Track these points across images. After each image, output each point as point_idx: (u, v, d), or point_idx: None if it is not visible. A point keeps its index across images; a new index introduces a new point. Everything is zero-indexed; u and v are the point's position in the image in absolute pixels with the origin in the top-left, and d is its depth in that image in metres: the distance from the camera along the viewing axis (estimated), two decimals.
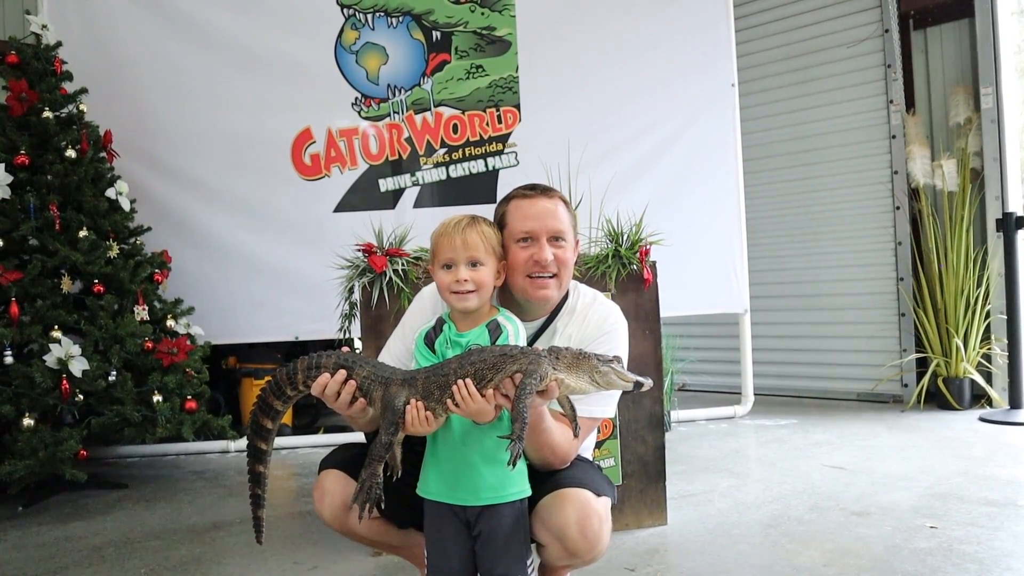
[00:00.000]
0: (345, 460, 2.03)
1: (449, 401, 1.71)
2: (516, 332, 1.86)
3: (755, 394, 5.38)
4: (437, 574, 1.89)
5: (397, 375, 1.78)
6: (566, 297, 2.15)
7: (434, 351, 1.87)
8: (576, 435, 1.84)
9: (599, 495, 1.98)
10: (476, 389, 1.69)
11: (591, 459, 2.26)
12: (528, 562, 1.86)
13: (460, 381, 1.70)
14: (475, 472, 1.79)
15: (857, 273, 5.68)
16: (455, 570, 1.88)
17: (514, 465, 1.64)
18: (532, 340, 2.11)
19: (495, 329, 1.85)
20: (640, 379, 1.71)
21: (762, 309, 5.75)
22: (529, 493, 1.88)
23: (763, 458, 4.20)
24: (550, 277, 2.01)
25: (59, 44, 4.11)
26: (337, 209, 4.84)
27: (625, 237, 3.09)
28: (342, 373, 1.78)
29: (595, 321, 2.11)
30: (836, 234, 5.76)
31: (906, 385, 5.43)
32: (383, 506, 1.80)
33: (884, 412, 5.22)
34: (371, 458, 1.76)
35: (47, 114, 3.91)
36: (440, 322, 1.92)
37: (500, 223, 2.05)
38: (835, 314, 5.78)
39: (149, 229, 4.34)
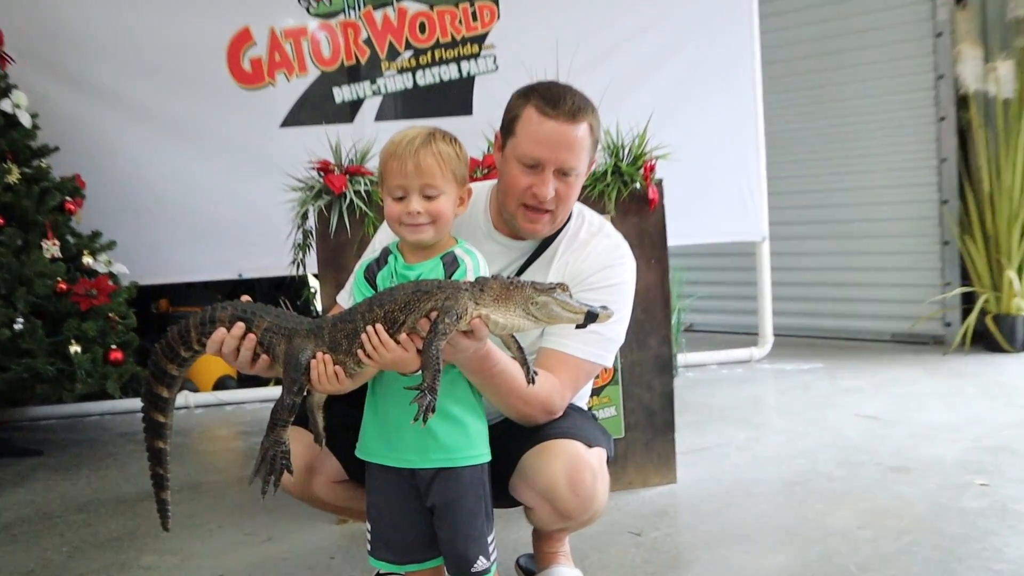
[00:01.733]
0: (305, 415, 1.98)
1: (360, 352, 1.67)
2: (476, 267, 1.79)
3: (774, 335, 5.39)
4: (388, 549, 1.86)
5: (303, 325, 1.74)
6: (569, 218, 2.11)
7: (375, 288, 1.81)
8: (531, 381, 1.80)
9: (591, 446, 1.97)
10: (388, 335, 1.64)
11: (585, 408, 2.25)
12: (490, 539, 1.84)
13: (369, 328, 1.65)
14: (422, 430, 1.70)
15: (894, 195, 5.65)
16: (408, 545, 1.85)
17: (424, 422, 1.59)
18: (525, 265, 2.08)
19: (451, 263, 1.78)
20: (592, 308, 1.65)
21: (783, 237, 5.71)
22: (488, 459, 1.84)
23: (785, 407, 4.24)
24: (545, 212, 1.99)
25: None
26: (285, 123, 4.74)
27: (626, 151, 3.03)
28: (240, 327, 1.74)
29: (598, 253, 2.08)
30: (870, 150, 5.70)
31: (949, 324, 5.45)
32: (293, 475, 1.78)
33: (923, 355, 5.25)
34: (272, 422, 1.73)
35: None
36: (385, 253, 1.85)
37: (508, 124, 1.99)
38: (867, 243, 5.76)
39: (56, 150, 4.20)
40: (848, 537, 2.55)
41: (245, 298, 1.78)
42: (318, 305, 5.53)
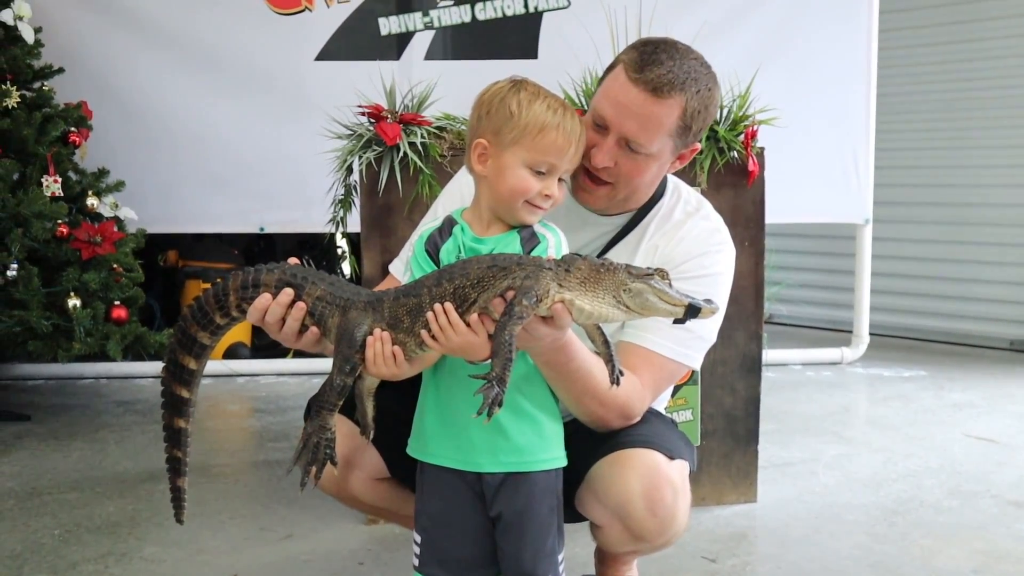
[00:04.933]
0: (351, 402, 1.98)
1: (424, 332, 1.67)
2: (558, 246, 1.78)
3: (870, 334, 5.34)
4: (441, 565, 1.85)
5: (360, 296, 1.74)
6: (662, 194, 2.09)
7: (437, 263, 1.80)
8: (615, 383, 1.77)
9: (672, 458, 1.94)
10: (458, 315, 1.64)
11: (663, 412, 2.23)
12: (560, 557, 1.84)
13: (436, 306, 1.64)
14: (493, 426, 1.70)
15: (1022, 176, 5.53)
16: (466, 561, 1.84)
17: (489, 417, 1.59)
18: (609, 245, 2.06)
19: (530, 238, 1.77)
20: (695, 300, 1.61)
21: (886, 220, 5.62)
22: (564, 463, 1.84)
23: (881, 420, 4.19)
24: (599, 183, 1.95)
25: None
26: (321, 56, 4.74)
27: (725, 112, 2.97)
28: (288, 293, 1.74)
29: (693, 237, 2.05)
30: (999, 120, 5.60)
31: None
32: (337, 467, 1.80)
33: None
34: (319, 405, 1.74)
35: None
36: (449, 223, 1.84)
37: (603, 75, 1.97)
38: (987, 231, 5.68)
39: (61, 71, 4.25)
40: None
41: (293, 261, 1.77)
42: (346, 269, 5.56)
